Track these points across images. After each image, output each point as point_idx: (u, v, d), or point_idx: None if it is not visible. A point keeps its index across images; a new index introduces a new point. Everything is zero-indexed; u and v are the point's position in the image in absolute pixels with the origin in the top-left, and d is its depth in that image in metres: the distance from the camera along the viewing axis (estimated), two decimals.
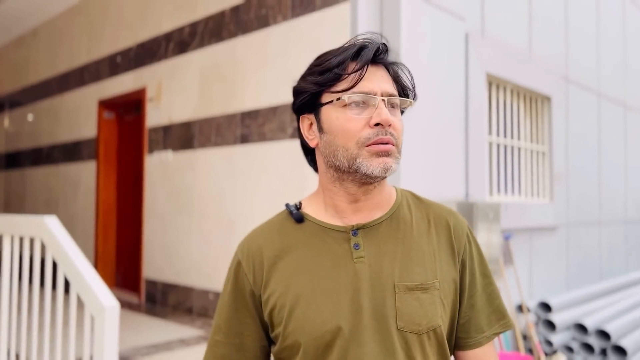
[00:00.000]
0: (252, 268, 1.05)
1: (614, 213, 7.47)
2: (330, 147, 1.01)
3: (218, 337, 1.08)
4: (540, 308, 5.18)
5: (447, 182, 4.21)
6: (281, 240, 1.06)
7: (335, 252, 1.02)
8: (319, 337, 0.97)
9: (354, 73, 0.98)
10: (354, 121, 0.98)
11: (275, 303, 1.01)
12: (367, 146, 0.97)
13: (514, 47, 5.37)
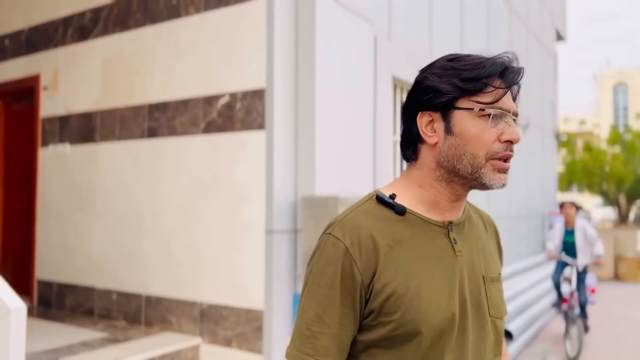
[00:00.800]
0: (361, 255, 1.03)
1: (500, 210, 8.15)
2: (456, 150, 1.05)
3: (317, 328, 1.03)
4: None
5: (358, 179, 4.37)
6: (389, 229, 1.06)
7: (439, 246, 1.08)
8: (438, 325, 1.02)
9: (500, 89, 1.04)
10: (489, 133, 1.04)
11: (393, 292, 1.01)
12: (493, 159, 1.04)
13: (417, 51, 5.68)
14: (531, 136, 10.00)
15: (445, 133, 1.06)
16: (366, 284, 1.02)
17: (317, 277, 1.04)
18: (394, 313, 1.01)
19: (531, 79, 10.10)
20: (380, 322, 1.02)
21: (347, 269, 1.02)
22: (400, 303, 1.01)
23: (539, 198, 10.48)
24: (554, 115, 12.16)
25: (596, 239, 6.02)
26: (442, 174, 1.08)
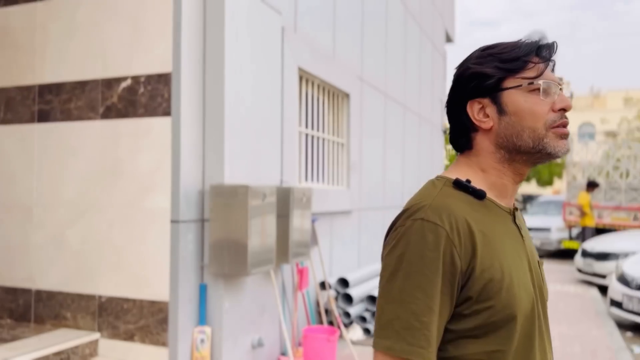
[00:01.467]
0: (460, 240, 1.00)
1: (394, 200, 8.58)
2: (513, 129, 1.08)
3: (427, 319, 0.97)
4: (339, 284, 5.74)
5: (265, 169, 4.39)
6: (477, 214, 1.06)
7: (512, 231, 1.12)
8: (527, 309, 1.05)
9: (541, 63, 1.08)
10: (541, 105, 1.07)
11: (492, 277, 1.01)
12: (553, 128, 1.07)
13: (321, 45, 5.80)
14: (422, 130, 10.61)
15: (498, 115, 1.09)
16: (463, 270, 1.00)
17: (417, 264, 0.98)
18: (491, 299, 1.00)
19: (424, 77, 10.70)
20: (476, 309, 1.00)
21: (447, 255, 0.99)
22: (497, 289, 1.01)
23: None
24: (443, 112, 12.99)
25: None
26: (503, 155, 1.10)
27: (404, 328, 0.96)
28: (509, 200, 1.14)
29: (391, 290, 0.99)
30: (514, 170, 1.12)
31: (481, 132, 1.12)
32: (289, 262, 4.26)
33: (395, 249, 1.02)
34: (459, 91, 1.13)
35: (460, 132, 1.15)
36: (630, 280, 6.29)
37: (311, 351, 4.26)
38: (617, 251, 8.30)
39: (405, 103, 9.22)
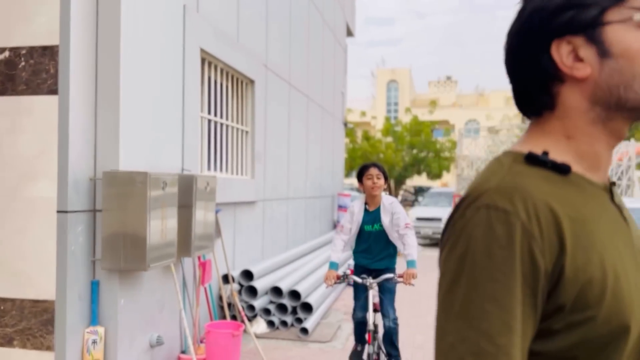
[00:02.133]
0: (541, 231, 0.73)
1: (297, 191, 8.54)
2: (621, 76, 0.79)
3: (506, 340, 0.70)
4: (242, 276, 5.57)
5: (166, 155, 4.10)
6: (563, 195, 0.78)
7: (612, 214, 0.83)
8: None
9: None
10: None
11: (590, 278, 0.74)
12: None
13: (225, 27, 5.55)
14: (325, 122, 10.67)
15: (600, 58, 0.81)
16: (549, 271, 0.73)
17: (485, 267, 0.72)
18: (592, 307, 0.73)
19: (326, 68, 10.76)
20: (570, 322, 0.74)
21: (526, 251, 0.72)
22: (599, 292, 0.74)
23: (330, 180, 11.28)
24: (343, 105, 13.18)
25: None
26: (599, 113, 0.82)
27: (472, 354, 0.70)
28: (602, 174, 0.86)
29: (453, 303, 0.73)
30: (610, 133, 0.84)
31: (570, 83, 0.83)
32: (191, 255, 4.02)
33: (454, 249, 0.76)
34: (536, 29, 0.84)
35: (536, 87, 0.86)
36: None
37: (215, 347, 4.06)
38: None
39: (308, 94, 9.19)
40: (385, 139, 29.11)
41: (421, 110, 36.24)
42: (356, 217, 3.76)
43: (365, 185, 3.73)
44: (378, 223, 3.73)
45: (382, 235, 3.74)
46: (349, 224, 3.79)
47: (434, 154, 29.61)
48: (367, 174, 3.70)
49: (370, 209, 3.79)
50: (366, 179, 3.71)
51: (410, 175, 30.00)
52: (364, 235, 3.81)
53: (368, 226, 3.76)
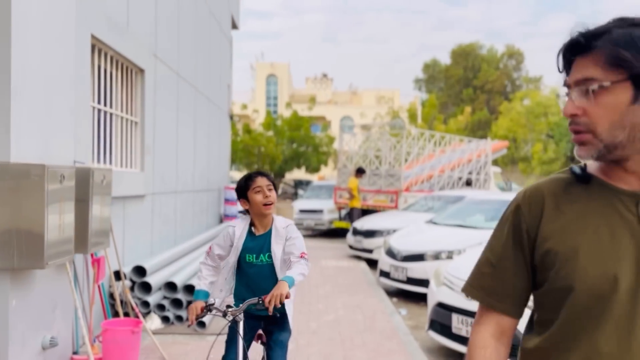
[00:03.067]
0: (530, 209, 1.17)
1: (186, 184, 8.38)
2: None
3: (485, 270, 1.24)
4: (135, 272, 5.40)
5: (57, 146, 3.86)
6: (564, 195, 1.14)
7: (621, 214, 1.07)
8: (594, 284, 1.04)
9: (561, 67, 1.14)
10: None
11: (551, 248, 1.10)
12: None
13: (115, 14, 5.31)
14: (212, 115, 10.55)
15: None
16: (531, 236, 1.17)
17: (495, 232, 1.28)
18: (550, 269, 1.12)
19: (213, 60, 10.62)
20: (540, 279, 1.16)
21: (516, 218, 1.21)
22: (555, 260, 1.10)
23: (217, 173, 11.18)
24: (229, 97, 13.09)
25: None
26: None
27: (481, 254, 1.28)
28: (636, 182, 1.08)
29: None
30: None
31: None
32: (87, 252, 3.85)
33: None
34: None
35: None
36: (396, 253, 7.32)
37: (113, 345, 3.94)
38: (381, 229, 9.54)
39: (196, 85, 9.03)
40: (267, 132, 29.29)
41: (300, 105, 36.95)
42: (236, 243, 2.65)
43: (253, 202, 2.63)
44: (266, 253, 2.64)
45: (268, 271, 2.64)
46: (222, 250, 2.70)
47: (313, 148, 30.42)
48: (255, 186, 2.63)
49: (256, 232, 2.68)
50: (254, 193, 2.63)
51: (290, 169, 30.54)
52: (243, 269, 2.68)
53: (250, 256, 2.64)
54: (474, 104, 43.79)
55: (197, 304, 2.57)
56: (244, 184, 2.69)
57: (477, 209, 8.28)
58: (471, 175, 14.68)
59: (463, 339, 4.48)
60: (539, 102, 36.64)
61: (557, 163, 34.58)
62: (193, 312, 2.55)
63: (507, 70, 45.84)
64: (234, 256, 2.68)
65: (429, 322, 5.01)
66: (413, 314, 6.54)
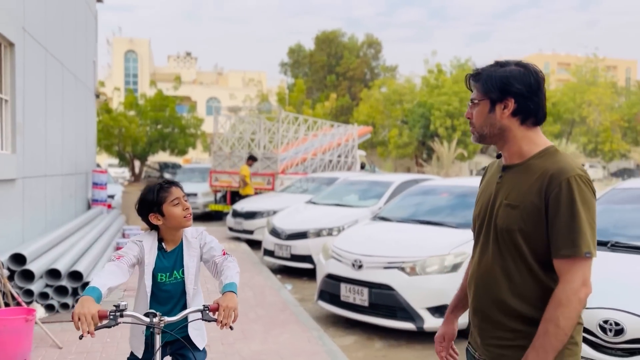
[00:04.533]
0: (485, 171, 1.94)
1: (54, 167, 7.86)
2: None
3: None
4: (12, 261, 5.07)
5: None
6: (491, 166, 1.88)
7: (494, 176, 1.80)
8: (475, 217, 1.83)
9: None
10: None
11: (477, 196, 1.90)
12: None
13: None
14: (78, 92, 9.91)
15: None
16: None
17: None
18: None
19: (79, 35, 9.94)
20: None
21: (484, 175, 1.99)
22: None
23: (84, 156, 10.54)
24: (95, 75, 12.32)
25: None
26: None
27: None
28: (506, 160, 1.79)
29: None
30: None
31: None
32: None
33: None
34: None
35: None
36: (281, 232, 7.67)
37: (5, 335, 3.75)
38: (262, 210, 9.82)
39: (63, 61, 8.45)
40: (128, 112, 27.74)
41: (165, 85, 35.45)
42: (147, 259, 2.34)
43: (171, 216, 2.33)
44: (180, 269, 2.40)
45: (180, 288, 2.41)
46: (135, 259, 2.32)
47: (180, 130, 29.52)
48: (172, 199, 2.33)
49: (167, 248, 2.41)
50: (171, 206, 2.33)
51: (155, 151, 29.33)
52: (155, 287, 2.37)
53: (163, 275, 2.38)
54: (337, 90, 45.66)
55: (89, 309, 1.92)
56: (157, 197, 2.32)
57: (352, 189, 8.95)
58: (340, 158, 15.55)
59: (350, 305, 4.98)
60: (395, 90, 39.31)
61: (411, 147, 37.56)
62: (88, 319, 1.90)
63: (367, 58, 48.31)
64: (148, 278, 2.33)
65: (318, 293, 5.44)
66: (298, 288, 6.96)
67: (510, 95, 1.66)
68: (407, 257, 4.80)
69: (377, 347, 4.75)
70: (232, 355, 4.25)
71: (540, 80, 1.68)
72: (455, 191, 6.10)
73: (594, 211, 1.58)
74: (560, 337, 1.54)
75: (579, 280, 1.54)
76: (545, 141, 1.70)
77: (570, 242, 1.55)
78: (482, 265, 1.74)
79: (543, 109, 1.69)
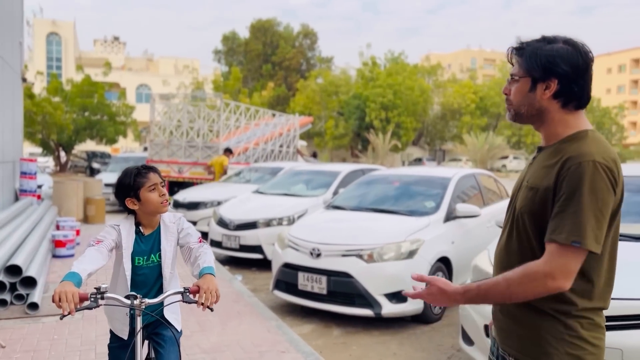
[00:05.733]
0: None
1: None
2: None
3: None
4: None
5: None
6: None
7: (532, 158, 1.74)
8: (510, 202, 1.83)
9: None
10: None
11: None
12: None
13: None
14: (5, 77, 9.23)
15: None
16: None
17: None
18: None
19: (3, 15, 9.23)
20: None
21: None
22: None
23: (10, 143, 9.84)
24: (22, 58, 11.52)
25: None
26: None
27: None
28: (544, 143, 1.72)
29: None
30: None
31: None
32: None
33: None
34: None
35: None
36: (229, 223, 7.53)
37: None
38: (205, 200, 9.59)
39: None
40: (54, 98, 26.21)
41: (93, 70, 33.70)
42: (125, 244, 2.37)
43: (148, 201, 2.35)
44: (157, 253, 2.43)
45: (156, 272, 2.44)
46: (113, 243, 2.35)
47: (109, 117, 28.27)
48: (150, 184, 2.34)
49: (145, 232, 2.43)
50: (148, 192, 2.34)
51: (82, 140, 27.95)
52: (132, 271, 2.40)
53: (140, 259, 2.41)
54: (274, 80, 45.33)
55: (70, 288, 1.96)
56: (134, 182, 2.33)
57: (298, 179, 8.93)
58: (282, 148, 15.48)
59: (309, 294, 4.98)
60: (331, 82, 39.58)
61: (347, 138, 38.06)
62: (69, 297, 1.93)
63: (303, 49, 48.27)
64: (127, 262, 2.34)
65: (274, 283, 5.41)
66: (248, 278, 6.88)
67: (555, 76, 1.55)
68: (365, 244, 4.86)
69: (335, 335, 4.79)
70: (192, 347, 4.14)
71: (589, 61, 1.56)
72: (406, 180, 6.24)
73: (603, 202, 1.46)
74: (505, 295, 1.52)
75: (558, 270, 1.44)
76: (583, 125, 1.59)
77: (560, 227, 1.46)
78: (498, 245, 1.71)
79: (588, 92, 1.59)
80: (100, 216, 10.95)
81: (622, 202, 1.53)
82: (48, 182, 12.58)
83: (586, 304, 1.51)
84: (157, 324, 2.41)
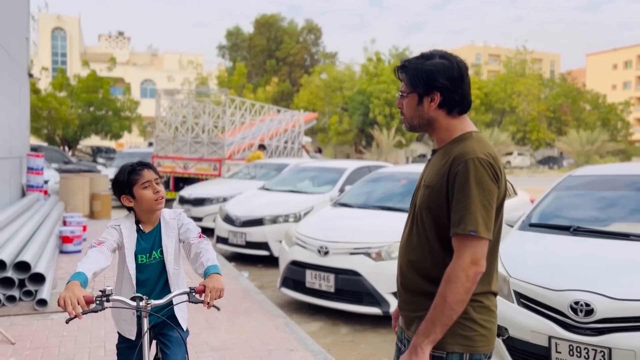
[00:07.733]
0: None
1: None
2: None
3: None
4: None
5: None
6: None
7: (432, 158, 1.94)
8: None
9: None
10: None
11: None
12: None
13: None
14: (12, 71, 9.24)
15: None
16: None
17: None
18: None
19: (10, 10, 9.24)
20: None
21: None
22: None
23: (17, 139, 9.86)
24: (28, 53, 11.53)
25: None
26: None
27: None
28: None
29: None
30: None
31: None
32: None
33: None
34: None
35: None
36: (235, 219, 7.54)
37: None
38: (211, 196, 9.60)
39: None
40: (59, 93, 26.23)
41: (98, 65, 33.69)
42: (127, 243, 2.35)
43: (142, 199, 2.34)
44: (158, 250, 2.42)
45: (159, 269, 2.43)
46: (115, 244, 2.33)
47: (114, 112, 28.29)
48: (143, 182, 2.33)
49: (145, 229, 2.41)
50: (142, 189, 2.33)
51: (87, 135, 27.99)
52: (135, 269, 2.40)
53: (143, 257, 2.40)
54: (278, 75, 45.26)
55: (76, 291, 1.95)
56: (127, 179, 2.33)
57: (304, 175, 8.92)
58: (287, 144, 15.46)
59: (316, 291, 4.98)
60: (335, 77, 39.50)
61: (351, 134, 38.01)
62: (74, 302, 1.92)
63: (307, 44, 48.18)
64: (130, 260, 2.32)
65: (281, 280, 5.41)
66: (255, 275, 6.89)
67: (436, 89, 1.74)
68: (373, 242, 4.85)
69: (343, 333, 4.79)
70: (200, 345, 4.14)
71: (463, 71, 1.75)
72: (413, 177, 6.21)
73: (489, 192, 1.64)
74: (447, 311, 1.61)
75: (468, 259, 1.61)
76: (467, 127, 1.78)
77: (458, 220, 1.63)
78: (402, 238, 1.89)
79: (467, 98, 1.78)
80: (107, 212, 10.97)
81: (505, 195, 1.73)
82: (54, 178, 12.60)
83: (476, 289, 1.65)
84: (163, 325, 2.40)
